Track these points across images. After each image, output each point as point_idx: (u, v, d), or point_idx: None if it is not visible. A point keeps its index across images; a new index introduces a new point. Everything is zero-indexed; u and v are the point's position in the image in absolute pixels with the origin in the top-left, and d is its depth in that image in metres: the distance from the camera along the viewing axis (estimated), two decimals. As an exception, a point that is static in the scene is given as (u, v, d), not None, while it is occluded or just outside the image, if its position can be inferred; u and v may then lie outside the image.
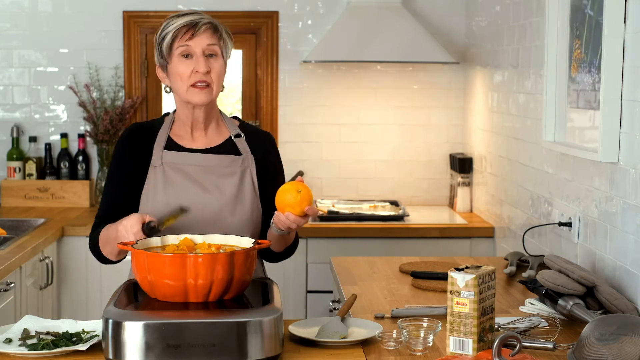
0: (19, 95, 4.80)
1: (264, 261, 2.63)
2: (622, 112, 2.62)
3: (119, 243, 2.20)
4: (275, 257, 2.56)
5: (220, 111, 2.58)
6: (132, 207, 2.46)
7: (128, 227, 2.25)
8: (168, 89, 2.51)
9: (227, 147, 2.52)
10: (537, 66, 3.45)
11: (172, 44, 2.42)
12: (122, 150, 2.52)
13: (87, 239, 4.18)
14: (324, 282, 4.08)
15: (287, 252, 2.55)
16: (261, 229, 2.53)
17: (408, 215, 4.37)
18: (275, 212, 2.33)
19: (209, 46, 2.42)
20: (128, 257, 2.26)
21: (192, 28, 2.41)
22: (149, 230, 2.23)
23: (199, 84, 2.42)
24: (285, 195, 2.27)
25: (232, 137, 2.54)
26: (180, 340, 1.95)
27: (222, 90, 2.50)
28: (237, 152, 2.52)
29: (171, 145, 2.51)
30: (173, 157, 2.49)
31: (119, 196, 2.48)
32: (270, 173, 2.55)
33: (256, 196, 2.50)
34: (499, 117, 4.07)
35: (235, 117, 2.63)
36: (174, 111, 2.56)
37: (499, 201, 4.09)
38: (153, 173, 2.47)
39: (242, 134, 2.55)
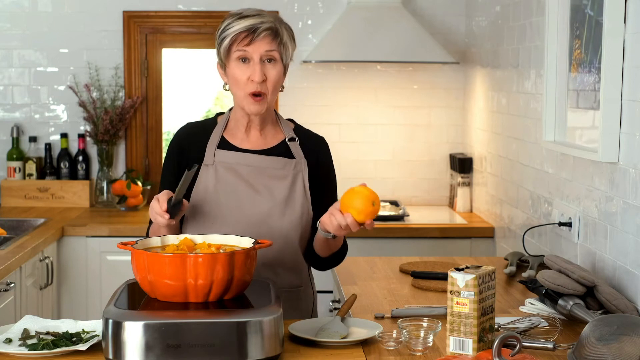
0: (19, 95, 4.80)
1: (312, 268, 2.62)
2: (622, 112, 2.62)
3: (118, 243, 2.20)
4: (322, 263, 2.55)
5: (276, 112, 2.58)
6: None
7: (154, 212, 2.28)
8: (227, 87, 2.50)
9: (281, 150, 2.52)
10: (537, 66, 3.45)
11: (230, 48, 2.41)
12: (175, 149, 2.53)
13: (87, 239, 4.23)
14: (324, 282, 4.08)
15: (335, 258, 2.54)
16: (310, 234, 2.53)
17: (408, 215, 4.37)
18: (331, 209, 2.29)
19: (267, 52, 2.40)
20: (128, 257, 2.26)
21: (251, 33, 2.39)
22: (172, 207, 2.27)
23: (256, 94, 2.41)
24: (357, 198, 2.24)
25: (287, 141, 2.53)
26: (180, 340, 1.95)
27: (281, 91, 2.51)
28: (290, 156, 2.51)
29: (224, 144, 2.51)
30: (226, 156, 2.49)
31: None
32: (322, 178, 2.55)
33: (307, 200, 2.50)
34: (499, 117, 4.07)
35: (291, 120, 2.62)
36: (230, 109, 2.55)
37: (499, 201, 4.09)
38: (205, 171, 2.48)
39: (297, 138, 2.54)
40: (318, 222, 2.38)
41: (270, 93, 2.43)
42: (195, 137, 2.53)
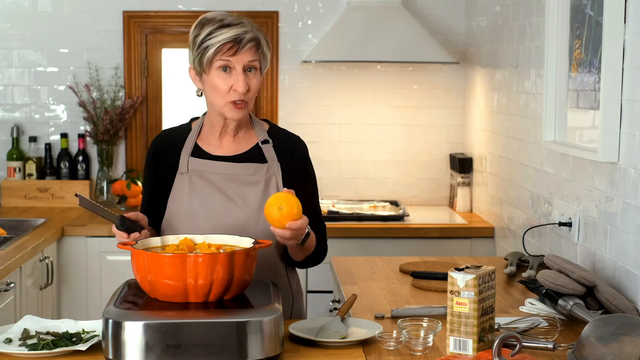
0: (19, 95, 4.80)
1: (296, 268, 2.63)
2: (622, 112, 2.62)
3: (118, 243, 2.21)
4: (300, 264, 2.55)
5: (250, 115, 2.56)
6: (163, 213, 2.51)
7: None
8: (200, 93, 2.49)
9: (254, 154, 2.50)
10: (537, 66, 3.45)
11: (213, 57, 2.38)
12: (151, 158, 2.56)
13: (87, 239, 4.22)
14: (324, 282, 4.08)
15: (311, 259, 2.53)
16: None
17: (408, 215, 4.37)
18: None
19: (249, 62, 2.39)
20: (128, 257, 2.26)
21: (236, 44, 2.37)
22: (125, 229, 2.29)
23: (238, 102, 2.40)
24: (268, 209, 2.25)
25: (260, 144, 2.52)
26: (180, 340, 1.95)
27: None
28: (262, 160, 2.50)
29: (197, 151, 2.51)
30: (198, 164, 2.49)
31: (151, 203, 2.54)
32: (298, 179, 2.52)
33: None
34: (499, 117, 4.07)
35: (266, 120, 2.60)
36: (204, 114, 2.55)
37: (499, 201, 4.09)
38: (180, 179, 2.49)
39: (270, 140, 2.52)
40: None
41: (251, 100, 2.43)
42: (170, 144, 2.54)
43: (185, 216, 2.45)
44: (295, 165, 2.53)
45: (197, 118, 2.60)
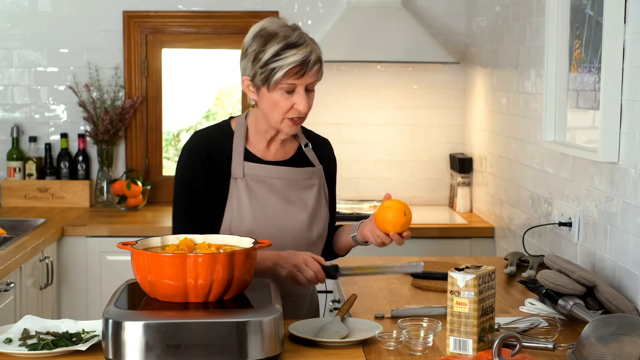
0: (19, 95, 4.80)
1: None
2: (622, 112, 2.62)
3: (118, 243, 2.20)
4: (333, 257, 2.66)
5: None
6: (211, 218, 2.42)
7: (309, 272, 2.36)
8: (253, 102, 2.43)
9: (300, 158, 2.53)
10: (537, 66, 3.45)
11: (280, 80, 2.34)
12: (196, 162, 2.43)
13: (87, 239, 4.22)
14: (324, 282, 4.08)
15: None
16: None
17: (408, 215, 4.37)
18: (372, 227, 2.43)
19: (311, 83, 2.39)
20: (128, 257, 2.26)
21: (304, 67, 2.34)
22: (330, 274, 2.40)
23: (296, 119, 2.39)
24: (389, 212, 2.38)
25: (303, 147, 2.55)
26: (180, 340, 1.95)
27: None
28: (309, 163, 2.55)
29: (249, 156, 2.47)
30: (256, 169, 2.46)
31: (197, 208, 2.43)
32: (331, 181, 2.62)
33: (327, 205, 2.57)
34: (499, 117, 4.07)
35: None
36: (246, 116, 2.50)
37: (499, 201, 4.09)
38: (235, 185, 2.44)
39: (309, 143, 2.56)
40: (355, 233, 2.50)
41: (306, 116, 2.42)
42: (218, 147, 2.45)
43: (247, 221, 2.42)
44: (331, 167, 2.62)
45: (232, 118, 2.54)
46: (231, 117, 2.55)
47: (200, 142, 2.46)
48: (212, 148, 2.44)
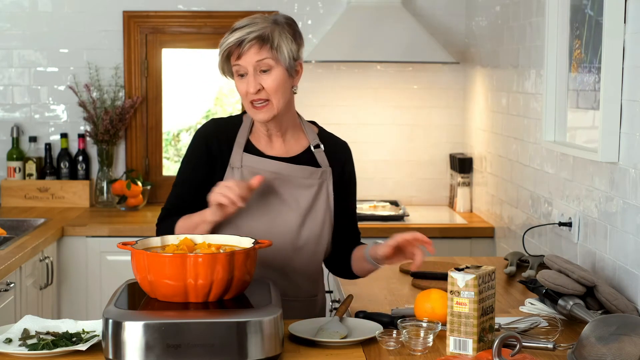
0: (19, 95, 4.80)
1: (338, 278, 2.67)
2: (622, 112, 2.62)
3: (118, 243, 2.20)
4: (352, 276, 2.60)
5: (299, 116, 2.54)
6: (203, 202, 2.39)
7: (224, 194, 2.26)
8: None
9: (306, 158, 2.49)
10: (537, 66, 3.45)
11: (228, 62, 2.38)
12: (199, 147, 2.47)
13: (87, 239, 4.22)
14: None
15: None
16: (333, 243, 2.55)
17: (408, 215, 4.37)
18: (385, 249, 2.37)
19: (258, 62, 2.35)
20: (128, 257, 2.26)
21: (237, 47, 2.35)
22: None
23: (256, 102, 2.37)
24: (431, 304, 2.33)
25: (312, 148, 2.51)
26: (180, 340, 1.95)
27: (295, 93, 2.46)
28: (316, 164, 2.49)
29: (250, 148, 2.47)
30: (253, 161, 2.45)
31: (192, 191, 2.45)
32: (346, 186, 2.54)
33: (330, 210, 2.49)
34: (499, 117, 4.07)
35: (313, 122, 2.59)
36: None
37: (499, 201, 4.09)
38: (231, 174, 2.44)
39: (321, 145, 2.52)
40: (367, 252, 2.44)
41: (274, 98, 2.37)
42: (222, 135, 2.47)
43: (237, 211, 2.39)
44: (345, 172, 2.54)
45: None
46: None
47: (208, 127, 2.51)
48: (217, 134, 2.47)
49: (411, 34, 4.52)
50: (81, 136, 4.77)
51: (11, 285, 3.39)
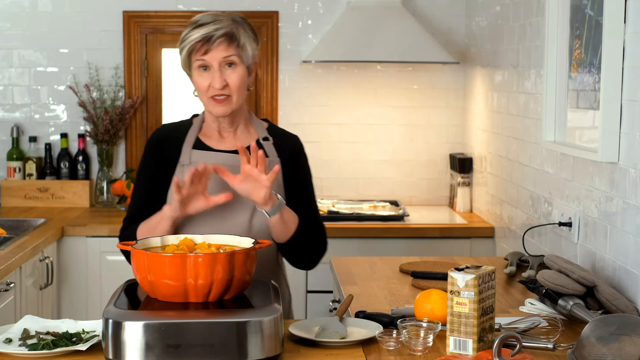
0: (19, 95, 4.80)
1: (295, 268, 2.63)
2: (622, 112, 2.62)
3: (118, 243, 2.21)
4: (296, 260, 2.55)
5: (250, 112, 2.60)
6: (155, 202, 2.48)
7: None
8: (196, 93, 2.52)
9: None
10: (537, 66, 3.45)
11: (190, 57, 2.45)
12: (151, 152, 2.55)
13: (87, 239, 4.22)
14: (324, 282, 4.08)
15: (301, 245, 2.51)
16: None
17: (408, 215, 4.37)
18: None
19: (225, 58, 2.43)
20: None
21: (206, 42, 2.42)
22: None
23: (217, 97, 2.44)
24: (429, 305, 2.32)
25: (260, 140, 2.55)
26: (180, 340, 1.95)
27: (248, 90, 2.53)
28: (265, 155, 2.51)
29: (199, 145, 2.54)
30: (201, 156, 2.51)
31: (149, 197, 2.51)
32: (297, 177, 2.57)
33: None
34: (499, 117, 4.07)
35: (265, 120, 2.64)
36: (203, 112, 2.58)
37: (499, 201, 4.09)
38: (181, 171, 2.49)
39: (270, 138, 2.56)
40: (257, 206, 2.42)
41: (235, 94, 2.45)
42: (171, 137, 2.55)
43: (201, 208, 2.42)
44: (294, 162, 2.57)
45: (197, 115, 2.62)
46: (197, 114, 2.64)
47: (158, 133, 2.60)
48: (168, 138, 2.55)
49: (411, 34, 4.52)
50: (81, 136, 4.77)
51: (11, 285, 3.39)
